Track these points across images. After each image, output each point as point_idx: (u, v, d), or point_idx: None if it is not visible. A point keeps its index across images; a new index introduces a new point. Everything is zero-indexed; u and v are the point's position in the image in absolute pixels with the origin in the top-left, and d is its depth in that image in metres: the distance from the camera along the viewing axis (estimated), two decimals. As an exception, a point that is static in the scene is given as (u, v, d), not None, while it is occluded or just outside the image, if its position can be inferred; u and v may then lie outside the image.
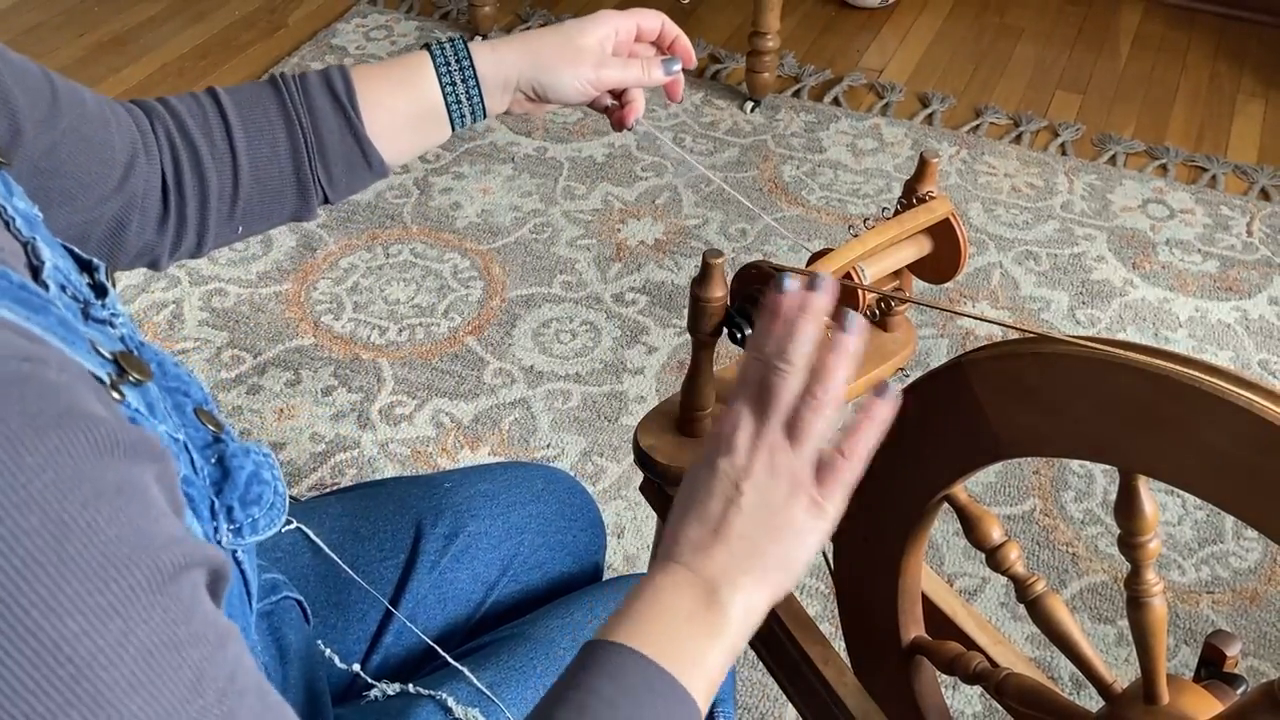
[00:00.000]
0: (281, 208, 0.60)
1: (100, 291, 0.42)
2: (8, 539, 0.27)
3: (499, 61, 0.60)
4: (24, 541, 0.27)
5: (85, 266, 0.43)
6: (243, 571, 0.42)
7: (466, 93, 0.60)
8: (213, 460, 0.41)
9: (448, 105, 0.60)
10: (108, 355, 0.36)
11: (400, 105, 0.60)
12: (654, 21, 0.64)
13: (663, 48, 0.65)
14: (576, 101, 0.62)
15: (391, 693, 0.57)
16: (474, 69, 0.60)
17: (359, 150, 0.59)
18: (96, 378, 0.34)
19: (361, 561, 0.63)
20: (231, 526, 0.40)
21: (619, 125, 0.65)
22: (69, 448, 0.28)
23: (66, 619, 0.27)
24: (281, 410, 1.30)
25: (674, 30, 0.65)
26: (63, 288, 0.38)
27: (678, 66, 0.64)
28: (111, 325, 0.40)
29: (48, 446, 0.28)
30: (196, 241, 0.59)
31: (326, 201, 0.61)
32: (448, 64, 0.60)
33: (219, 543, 0.40)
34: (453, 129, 0.61)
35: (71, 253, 0.43)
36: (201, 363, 1.36)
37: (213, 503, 0.40)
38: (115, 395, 0.34)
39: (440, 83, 0.60)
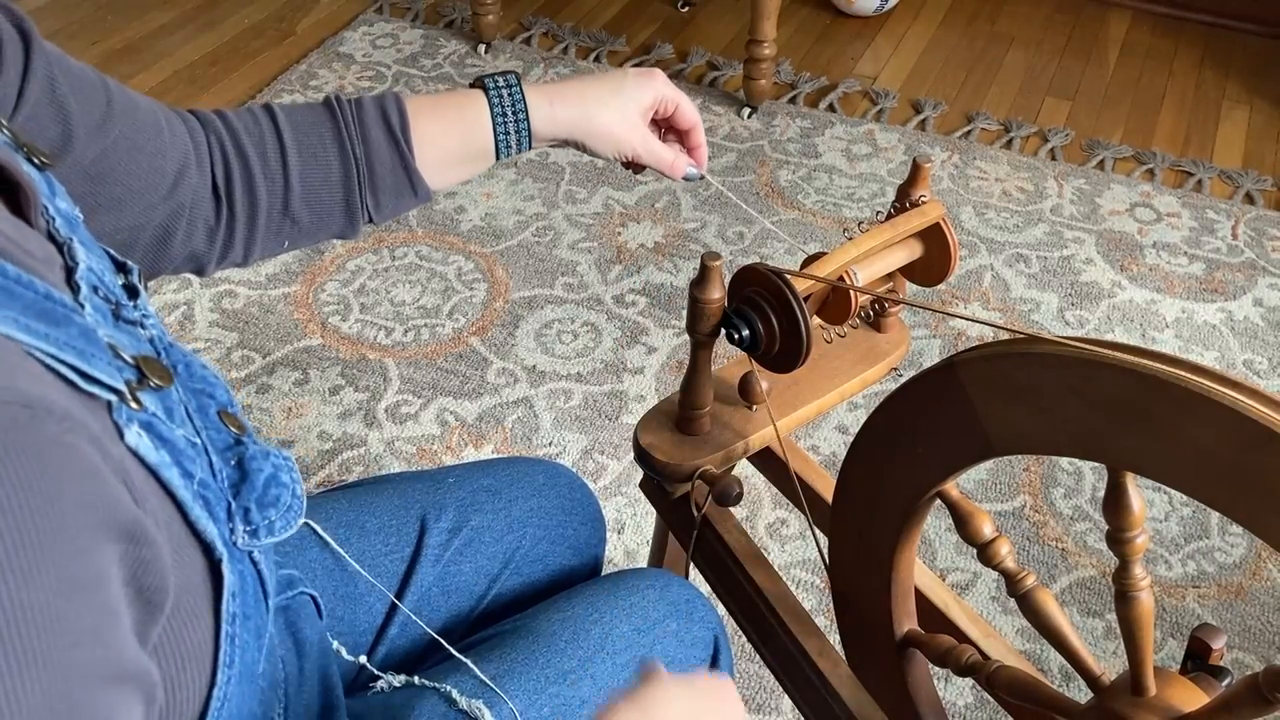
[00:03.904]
0: (328, 228, 0.61)
1: (132, 293, 0.42)
2: None
3: (553, 119, 0.62)
4: None
5: (121, 268, 0.43)
6: (259, 571, 0.42)
7: (518, 140, 0.62)
8: (232, 463, 0.41)
9: (498, 150, 0.62)
10: (129, 360, 0.36)
11: (453, 145, 0.61)
12: (693, 115, 0.66)
13: (683, 141, 0.67)
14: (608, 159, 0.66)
15: (397, 684, 0.58)
16: (528, 121, 0.61)
17: (408, 182, 0.60)
18: (114, 389, 0.34)
19: (367, 555, 0.64)
20: (248, 528, 0.40)
21: (635, 170, 0.67)
22: (37, 516, 0.27)
23: None
24: (290, 409, 1.31)
25: (701, 138, 0.67)
26: (95, 289, 0.38)
27: (696, 175, 0.67)
28: (142, 326, 0.41)
29: (16, 510, 0.27)
30: (243, 253, 0.59)
31: (370, 222, 0.62)
32: (504, 115, 0.61)
33: (234, 544, 0.39)
34: (496, 159, 0.63)
35: (108, 254, 0.43)
36: (212, 362, 1.37)
37: (229, 505, 0.40)
38: (134, 405, 0.34)
39: (494, 131, 0.61)
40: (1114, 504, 0.49)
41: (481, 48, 1.97)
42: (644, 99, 0.63)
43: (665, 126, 0.67)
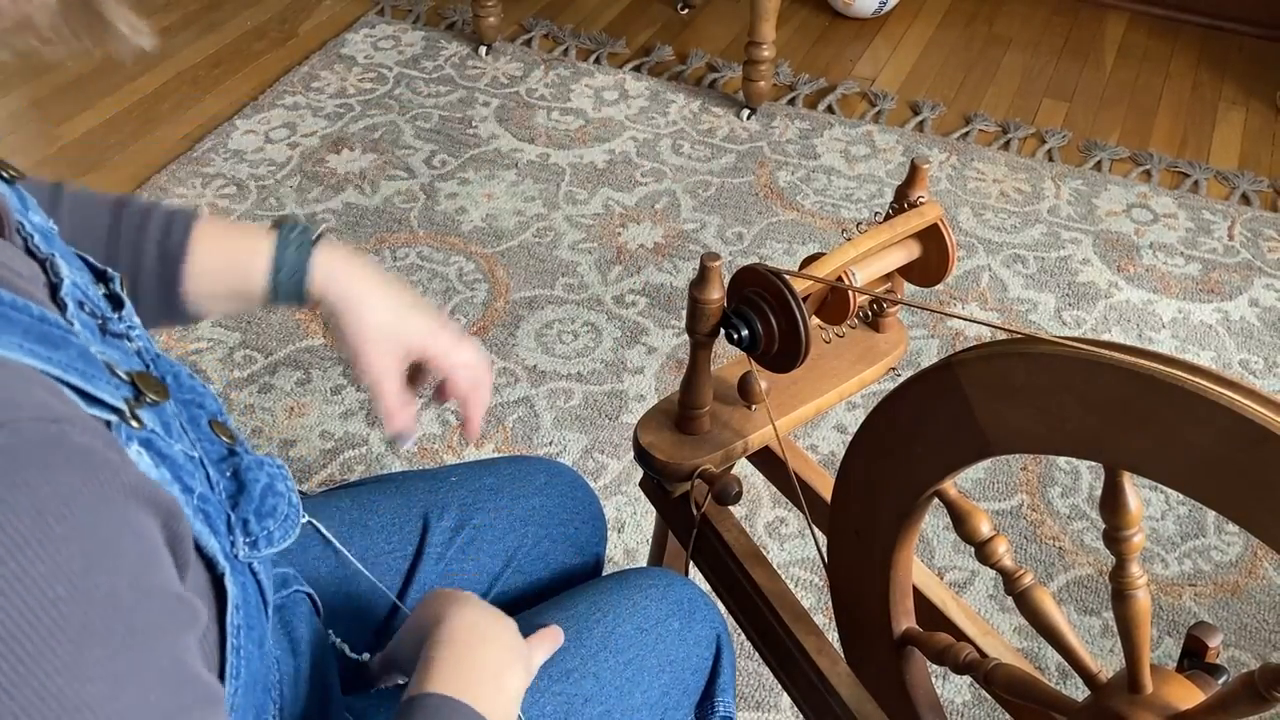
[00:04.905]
0: None
1: (116, 303, 0.42)
2: (36, 608, 0.27)
3: (325, 284, 0.55)
4: (50, 611, 0.27)
5: (101, 276, 0.43)
6: (259, 581, 0.42)
7: (290, 292, 0.56)
8: (228, 474, 0.41)
9: (269, 295, 0.57)
10: (124, 377, 0.36)
11: (226, 282, 0.56)
12: (463, 387, 0.57)
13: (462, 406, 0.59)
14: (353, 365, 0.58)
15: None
16: (306, 281, 0.55)
17: (167, 298, 0.56)
18: (114, 408, 0.34)
19: (370, 554, 0.64)
20: (247, 540, 0.41)
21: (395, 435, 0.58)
22: (93, 514, 0.29)
23: (88, 684, 0.28)
24: (292, 408, 1.32)
25: (474, 412, 0.59)
26: (81, 304, 0.38)
27: (407, 446, 0.58)
28: (128, 339, 0.40)
29: (74, 515, 0.29)
30: None
31: None
32: (280, 269, 0.55)
33: (235, 556, 0.40)
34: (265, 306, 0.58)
35: (87, 263, 0.43)
36: (215, 362, 1.37)
37: (229, 517, 0.40)
38: (134, 423, 0.35)
39: (272, 280, 0.56)
40: (1111, 503, 0.49)
41: (482, 49, 1.98)
42: (417, 329, 0.56)
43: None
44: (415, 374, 0.60)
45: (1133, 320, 1.49)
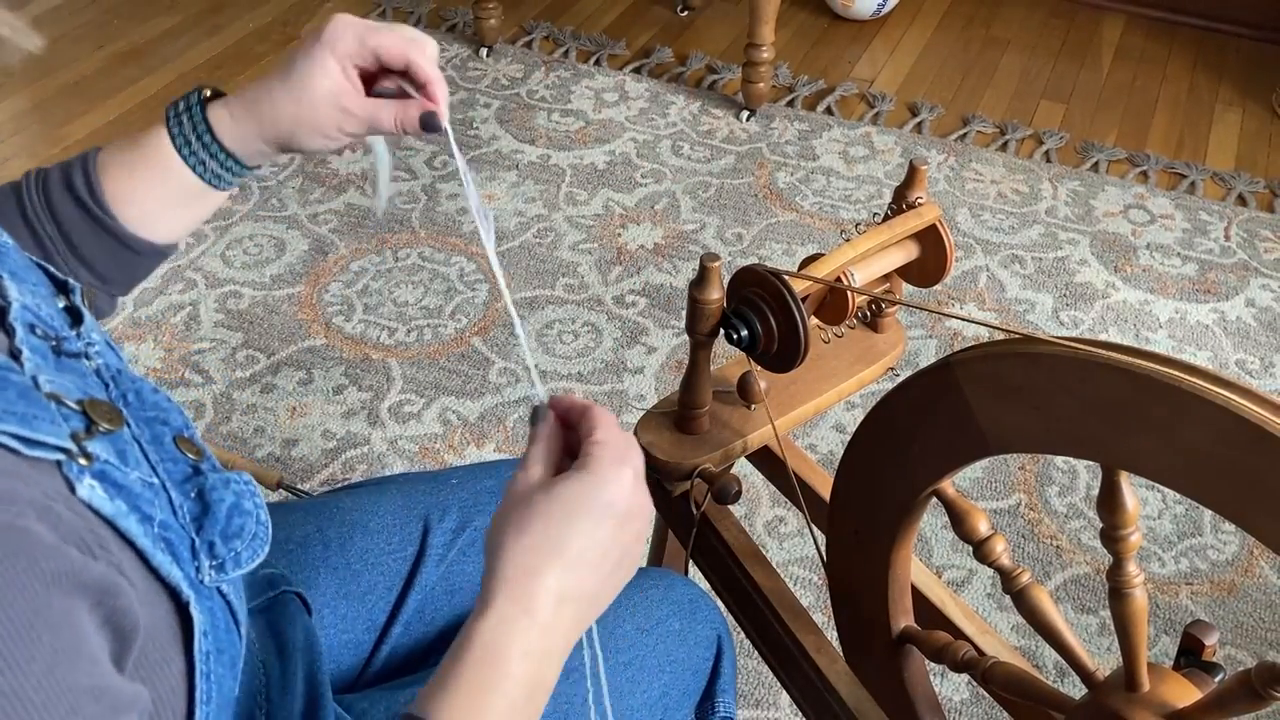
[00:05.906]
0: None
1: (76, 317, 0.40)
2: None
3: (242, 137, 0.55)
4: None
5: (61, 287, 0.41)
6: (228, 602, 0.41)
7: (220, 164, 0.55)
8: (192, 495, 0.40)
9: (203, 179, 0.55)
10: (74, 406, 0.35)
11: (154, 193, 0.54)
12: (396, 46, 0.53)
13: (415, 84, 0.54)
14: (337, 149, 0.56)
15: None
16: (218, 143, 0.54)
17: (118, 243, 0.54)
18: (60, 448, 0.33)
19: (371, 555, 0.64)
20: (214, 564, 0.39)
21: (406, 130, 0.54)
22: (6, 603, 0.28)
23: None
24: (294, 408, 1.32)
25: (429, 72, 0.54)
26: (32, 328, 0.37)
27: (444, 124, 0.53)
28: (86, 357, 0.39)
29: (2, 616, 0.27)
30: None
31: (111, 295, 0.57)
32: (189, 143, 0.54)
33: (201, 582, 0.38)
34: (222, 189, 0.57)
35: (47, 273, 0.41)
36: (217, 362, 1.38)
37: (193, 542, 0.39)
38: (82, 461, 0.33)
39: (187, 162, 0.54)
40: (1108, 502, 0.49)
41: (483, 51, 1.98)
42: (320, 81, 0.53)
43: (398, 74, 0.55)
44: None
45: (1130, 320, 1.49)
